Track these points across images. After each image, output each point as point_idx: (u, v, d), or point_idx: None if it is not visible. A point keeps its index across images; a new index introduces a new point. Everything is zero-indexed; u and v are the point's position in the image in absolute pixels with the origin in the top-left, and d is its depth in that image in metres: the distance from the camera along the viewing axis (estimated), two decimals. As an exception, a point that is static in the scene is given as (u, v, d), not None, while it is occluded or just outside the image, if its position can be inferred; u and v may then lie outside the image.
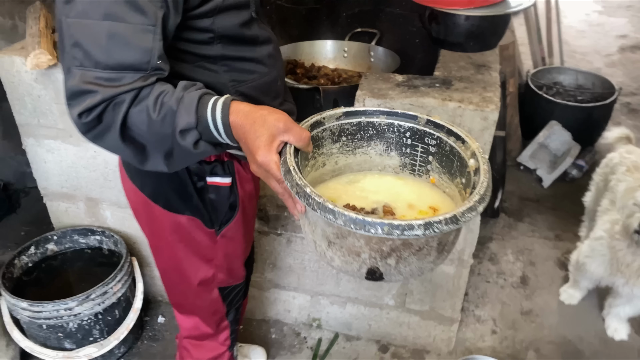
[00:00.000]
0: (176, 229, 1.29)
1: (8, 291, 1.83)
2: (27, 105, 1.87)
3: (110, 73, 0.91)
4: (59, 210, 2.14)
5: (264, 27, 1.20)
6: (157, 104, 0.93)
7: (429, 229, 0.77)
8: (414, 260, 0.87)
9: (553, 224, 2.53)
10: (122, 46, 0.91)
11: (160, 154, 0.99)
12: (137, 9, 0.90)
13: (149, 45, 0.92)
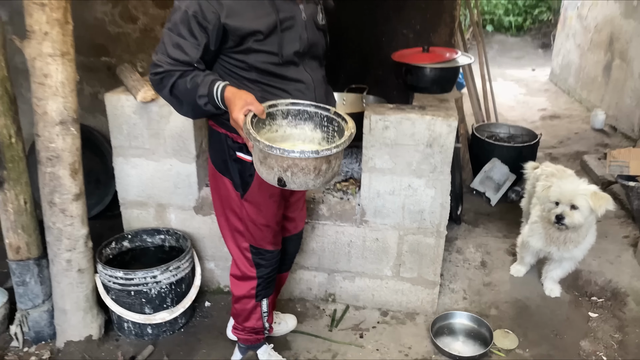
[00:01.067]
0: (222, 187, 1.96)
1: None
2: (123, 131, 2.55)
3: (171, 61, 1.65)
4: (132, 217, 2.74)
5: (302, 70, 1.81)
6: (191, 79, 1.65)
7: (302, 154, 1.45)
8: (300, 175, 1.51)
9: (501, 228, 3.29)
10: (180, 51, 1.65)
11: (188, 107, 1.73)
12: (192, 34, 1.63)
13: (193, 55, 1.65)
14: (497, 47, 8.71)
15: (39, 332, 2.44)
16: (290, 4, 1.74)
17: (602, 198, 2.45)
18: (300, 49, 1.77)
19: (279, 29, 1.71)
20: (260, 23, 1.67)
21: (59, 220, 2.22)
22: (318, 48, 1.87)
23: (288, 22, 1.73)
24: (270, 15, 1.69)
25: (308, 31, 1.80)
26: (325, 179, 1.58)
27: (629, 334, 2.52)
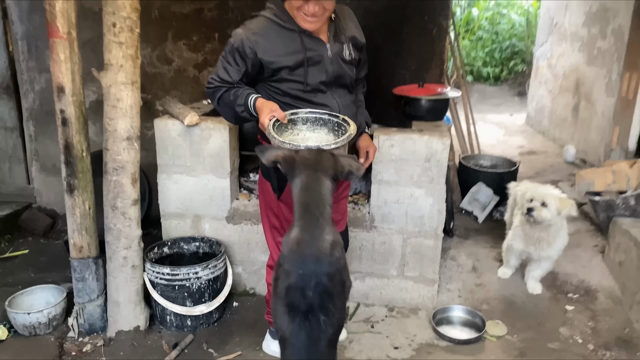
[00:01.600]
0: (265, 190, 2.37)
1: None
2: (169, 151, 2.98)
3: (219, 79, 2.15)
4: (171, 226, 3.13)
5: (328, 97, 2.21)
6: (233, 93, 2.13)
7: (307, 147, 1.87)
8: None
9: (488, 240, 3.73)
10: (226, 73, 2.13)
11: (231, 113, 2.20)
12: (235, 62, 2.12)
13: (235, 77, 2.13)
14: (478, 95, 9.39)
15: (92, 324, 2.77)
16: (318, 43, 2.17)
17: (567, 202, 2.93)
18: (326, 79, 2.20)
19: (306, 64, 2.14)
20: (290, 60, 2.12)
21: (119, 222, 2.61)
22: (345, 78, 2.27)
23: (315, 58, 2.16)
24: (299, 53, 2.12)
25: (334, 65, 2.20)
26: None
27: (600, 322, 2.93)
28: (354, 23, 2.34)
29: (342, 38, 2.23)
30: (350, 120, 2.11)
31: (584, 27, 5.60)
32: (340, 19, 2.26)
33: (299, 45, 2.12)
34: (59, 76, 2.46)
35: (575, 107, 5.71)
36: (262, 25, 2.14)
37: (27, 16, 3.74)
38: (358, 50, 2.33)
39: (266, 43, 2.10)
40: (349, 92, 2.35)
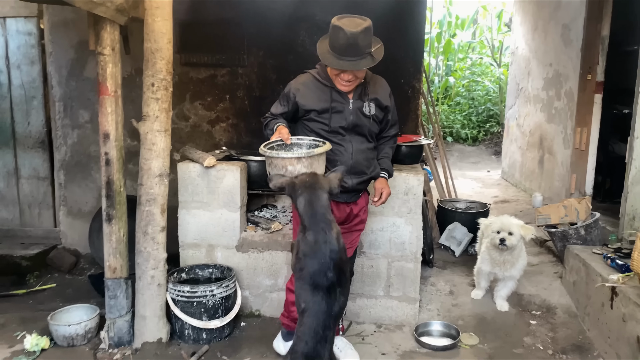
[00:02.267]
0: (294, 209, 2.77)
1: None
2: (189, 190, 3.50)
3: (270, 112, 2.82)
4: (188, 255, 3.60)
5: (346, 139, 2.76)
6: (272, 122, 2.77)
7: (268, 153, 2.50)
8: (274, 170, 2.48)
9: (464, 270, 4.20)
10: (275, 109, 2.82)
11: (267, 134, 2.77)
12: (281, 103, 2.81)
13: (278, 111, 2.80)
14: (457, 154, 10.11)
15: (121, 337, 3.17)
16: (343, 98, 2.76)
17: (528, 228, 3.46)
18: (345, 125, 2.77)
19: (330, 111, 2.75)
20: (318, 105, 2.75)
21: (149, 245, 3.09)
22: (362, 128, 2.80)
23: (338, 108, 2.76)
24: (326, 102, 2.75)
25: (353, 116, 2.77)
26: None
27: (558, 332, 3.38)
28: (382, 89, 2.89)
29: (364, 98, 2.79)
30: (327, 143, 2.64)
31: (543, 91, 6.35)
32: (368, 84, 2.83)
33: (328, 96, 2.75)
34: (106, 125, 3.02)
35: (541, 159, 6.36)
36: (306, 79, 2.82)
37: (65, 82, 4.35)
38: (382, 110, 2.87)
39: (305, 91, 2.77)
40: (367, 141, 2.86)
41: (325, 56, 2.66)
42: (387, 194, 2.93)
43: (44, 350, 3.06)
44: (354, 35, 2.54)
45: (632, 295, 2.83)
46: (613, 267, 3.23)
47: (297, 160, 2.47)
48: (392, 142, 3.06)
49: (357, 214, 2.96)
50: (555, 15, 6.04)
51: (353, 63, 2.60)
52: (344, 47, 2.57)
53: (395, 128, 3.04)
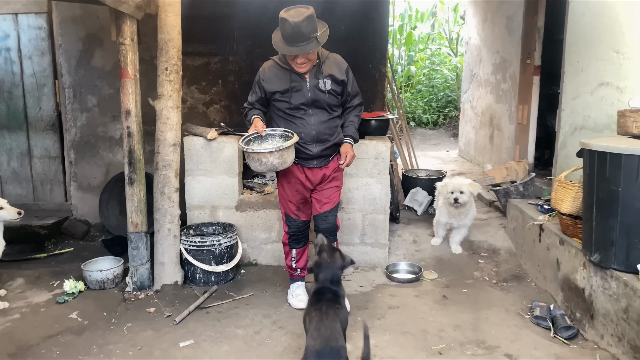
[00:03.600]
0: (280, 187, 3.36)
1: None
2: (193, 159, 4.07)
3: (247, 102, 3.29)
4: (194, 215, 4.17)
5: (308, 114, 3.10)
6: (250, 113, 3.22)
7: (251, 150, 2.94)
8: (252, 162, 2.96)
9: (425, 225, 4.91)
10: (250, 97, 3.26)
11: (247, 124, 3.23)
12: (255, 90, 3.23)
13: (254, 99, 3.24)
14: (420, 137, 10.87)
15: (142, 282, 3.73)
16: (300, 78, 3.10)
17: (476, 185, 4.17)
18: (305, 101, 3.12)
19: (291, 91, 3.11)
20: (280, 87, 3.12)
21: (166, 203, 3.67)
22: (321, 102, 3.12)
23: (297, 87, 3.10)
24: (287, 83, 3.11)
25: (311, 93, 3.10)
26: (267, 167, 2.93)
27: (501, 267, 4.12)
28: (337, 66, 3.17)
29: (319, 76, 3.11)
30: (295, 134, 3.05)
31: (492, 75, 7.12)
32: (323, 63, 3.13)
33: (288, 78, 3.12)
34: (127, 103, 3.57)
35: (491, 136, 7.14)
36: (269, 65, 3.21)
37: (74, 70, 4.84)
38: (338, 84, 3.15)
39: (269, 76, 3.17)
40: (328, 113, 3.18)
41: (278, 45, 3.01)
42: (351, 157, 3.22)
43: (80, 292, 3.62)
44: (297, 24, 2.84)
45: (554, 228, 3.57)
46: (542, 212, 3.98)
47: (270, 154, 2.89)
48: (357, 111, 3.34)
49: (329, 175, 3.28)
50: (501, 8, 6.80)
51: (300, 48, 2.92)
52: (291, 35, 2.89)
53: (357, 98, 3.32)
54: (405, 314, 3.35)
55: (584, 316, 3.06)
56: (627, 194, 2.61)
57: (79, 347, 2.94)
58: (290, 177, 3.26)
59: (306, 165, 3.22)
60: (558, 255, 3.44)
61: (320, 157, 3.22)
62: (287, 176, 3.27)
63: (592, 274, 2.96)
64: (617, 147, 2.64)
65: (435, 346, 2.95)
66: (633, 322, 2.55)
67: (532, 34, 5.74)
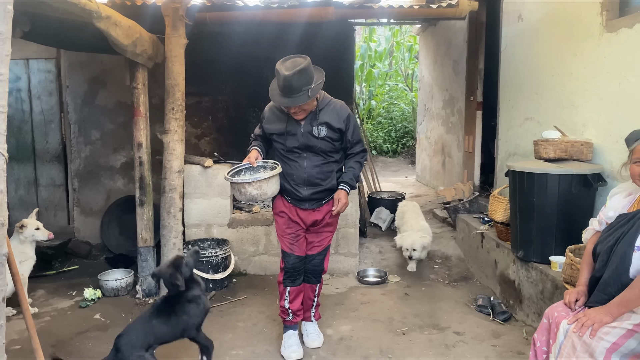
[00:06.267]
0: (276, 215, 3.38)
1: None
2: (192, 184, 4.69)
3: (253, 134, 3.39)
4: (192, 232, 4.76)
5: (302, 157, 3.07)
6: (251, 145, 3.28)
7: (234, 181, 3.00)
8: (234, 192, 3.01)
9: (388, 239, 5.62)
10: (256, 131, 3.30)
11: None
12: (260, 126, 3.27)
13: (258, 132, 3.28)
14: (381, 164, 11.73)
15: (150, 290, 4.28)
16: (296, 123, 3.06)
17: (425, 237, 4.65)
18: (298, 145, 3.08)
19: (286, 134, 3.10)
20: (277, 129, 3.12)
21: (172, 221, 4.26)
22: (314, 148, 3.05)
23: (292, 132, 3.08)
24: (282, 126, 3.10)
25: (304, 138, 3.05)
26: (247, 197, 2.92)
27: (452, 270, 4.86)
28: (335, 114, 3.09)
29: (314, 123, 3.06)
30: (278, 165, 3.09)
31: (442, 109, 8.04)
32: (321, 111, 3.07)
33: (284, 122, 3.12)
34: (139, 137, 4.19)
35: (443, 162, 8.01)
36: (271, 106, 3.22)
37: (80, 108, 5.42)
38: (334, 131, 3.07)
39: (270, 117, 3.20)
40: (323, 158, 3.11)
41: (272, 94, 3.01)
42: (343, 204, 3.13)
43: (99, 298, 4.14)
44: (287, 78, 2.82)
45: (492, 235, 4.35)
46: (483, 223, 4.77)
47: (248, 185, 2.89)
48: (358, 158, 3.22)
49: (322, 219, 3.20)
50: (448, 53, 7.76)
51: (291, 100, 2.90)
52: (282, 87, 2.89)
53: (359, 146, 3.21)
54: (374, 307, 4.03)
55: (515, 302, 3.81)
56: (539, 203, 3.40)
57: (107, 340, 3.46)
58: (284, 213, 3.23)
59: (299, 206, 3.17)
60: (495, 256, 4.21)
61: (311, 200, 3.16)
62: (281, 211, 3.24)
63: (520, 268, 3.73)
64: (531, 167, 3.45)
65: (399, 329, 3.62)
66: (547, 299, 3.31)
67: (475, 75, 6.66)
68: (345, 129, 3.11)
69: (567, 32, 3.93)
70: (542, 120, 4.47)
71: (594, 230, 2.48)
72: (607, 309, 2.13)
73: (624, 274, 2.16)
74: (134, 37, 3.70)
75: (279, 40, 5.32)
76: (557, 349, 2.22)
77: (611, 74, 3.40)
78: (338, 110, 3.13)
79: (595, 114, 3.58)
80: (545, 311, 2.42)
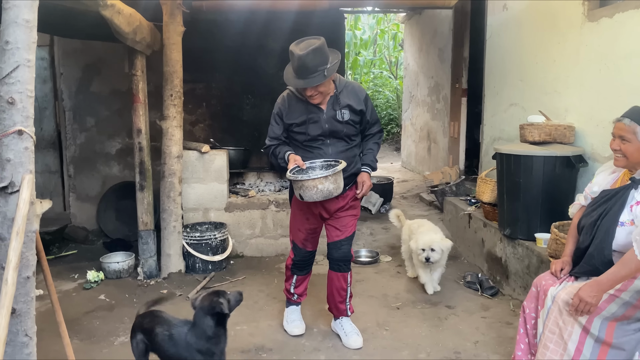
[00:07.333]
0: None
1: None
2: (189, 169, 4.78)
3: (269, 137, 3.09)
4: (189, 216, 4.86)
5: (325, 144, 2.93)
6: (278, 151, 3.01)
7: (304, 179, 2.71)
8: (307, 191, 2.71)
9: (379, 222, 5.80)
10: (271, 131, 3.06)
11: (276, 163, 3.05)
12: (276, 122, 3.04)
13: (278, 132, 3.04)
14: (366, 151, 11.93)
15: (151, 272, 4.38)
16: (317, 109, 2.93)
17: (446, 240, 3.85)
18: (321, 132, 2.95)
19: (307, 122, 2.95)
20: (298, 118, 2.96)
21: (172, 205, 4.36)
22: (339, 133, 2.95)
23: (314, 119, 2.94)
24: (303, 115, 2.95)
25: (328, 124, 2.93)
26: (324, 193, 2.71)
27: (441, 250, 5.06)
28: (354, 95, 2.99)
29: (336, 107, 2.95)
30: (342, 161, 2.84)
31: (428, 96, 8.21)
32: (341, 93, 2.97)
33: (304, 109, 2.96)
34: (138, 123, 4.26)
35: (429, 148, 8.20)
36: (286, 95, 3.04)
37: (74, 96, 5.44)
38: (356, 114, 2.98)
39: (287, 108, 3.01)
40: (346, 142, 3.02)
41: (287, 77, 2.88)
42: (368, 187, 3.06)
43: (102, 280, 4.24)
44: (302, 57, 2.71)
45: (479, 216, 4.54)
46: (470, 205, 4.96)
47: (325, 179, 2.70)
48: (376, 139, 3.17)
49: (346, 204, 3.09)
50: (434, 41, 7.92)
51: (306, 81, 2.77)
52: (297, 68, 2.77)
53: (377, 126, 3.14)
54: (369, 284, 4.20)
55: (502, 278, 4.02)
56: (525, 184, 3.59)
57: (114, 319, 3.58)
58: (304, 206, 3.09)
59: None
60: (483, 236, 4.41)
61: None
62: (301, 205, 3.10)
63: (506, 245, 3.93)
64: (517, 150, 3.63)
65: (394, 304, 3.80)
66: (532, 273, 3.51)
67: (460, 63, 6.83)
68: (366, 110, 3.04)
69: (550, 21, 4.10)
70: (526, 106, 4.65)
71: (580, 205, 2.66)
72: (598, 286, 2.17)
73: (607, 247, 2.34)
74: (135, 25, 3.76)
75: (272, 28, 5.42)
76: (545, 314, 2.41)
77: (592, 62, 3.58)
78: (357, 91, 3.05)
79: (577, 100, 3.77)
80: (534, 280, 2.61)
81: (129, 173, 5.51)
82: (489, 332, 3.30)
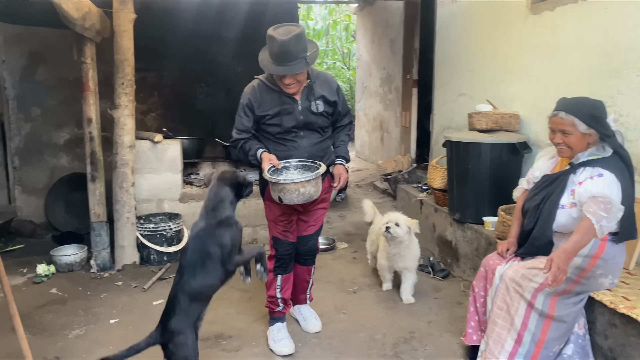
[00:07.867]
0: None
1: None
2: (142, 159, 4.67)
3: (237, 130, 2.85)
4: (143, 207, 4.76)
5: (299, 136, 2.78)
6: (248, 146, 2.80)
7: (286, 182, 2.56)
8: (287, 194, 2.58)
9: (335, 210, 5.88)
10: (240, 123, 2.82)
11: (246, 159, 2.84)
12: (245, 114, 2.80)
13: (248, 125, 2.81)
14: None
15: (105, 264, 4.27)
16: (291, 100, 2.78)
17: (413, 221, 3.57)
18: (296, 124, 2.80)
19: (281, 113, 2.77)
20: (271, 110, 2.78)
21: (125, 196, 4.26)
22: (313, 125, 2.82)
23: (288, 110, 2.77)
24: (277, 107, 2.77)
25: (303, 116, 2.78)
26: (305, 197, 2.60)
27: (394, 236, 5.19)
28: (327, 86, 2.89)
29: (311, 98, 2.82)
30: (321, 163, 2.76)
31: (380, 87, 8.34)
32: (314, 83, 2.84)
33: (277, 100, 2.79)
34: (89, 112, 4.13)
35: (381, 138, 8.35)
36: (255, 85, 2.85)
37: (18, 84, 5.20)
38: (330, 105, 2.88)
39: (258, 98, 2.81)
40: (320, 134, 2.90)
41: (264, 63, 2.71)
42: (345, 179, 2.98)
43: (53, 274, 4.10)
44: (285, 43, 2.57)
45: (430, 202, 4.69)
46: (421, 191, 5.11)
47: (307, 183, 2.60)
48: (347, 130, 3.08)
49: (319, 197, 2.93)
50: (386, 32, 8.04)
51: (288, 68, 2.63)
52: (278, 54, 2.61)
53: (347, 117, 3.05)
54: (326, 270, 4.26)
55: (452, 260, 4.18)
56: (474, 170, 3.73)
57: (67, 312, 3.48)
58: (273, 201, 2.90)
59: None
60: (434, 220, 4.55)
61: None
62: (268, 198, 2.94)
63: (456, 229, 4.08)
64: (466, 137, 3.77)
65: (350, 289, 3.89)
66: (481, 255, 3.67)
67: (411, 54, 6.98)
68: (338, 101, 2.94)
69: (497, 14, 4.26)
70: (474, 96, 4.82)
71: (523, 189, 2.80)
72: (567, 255, 2.19)
73: (549, 229, 2.48)
74: (84, 11, 3.64)
75: (226, 17, 5.35)
76: (494, 292, 2.54)
77: (535, 53, 3.76)
78: (330, 82, 2.95)
79: (522, 89, 3.95)
80: (482, 261, 2.74)
81: (79, 164, 5.33)
82: (441, 312, 3.44)
